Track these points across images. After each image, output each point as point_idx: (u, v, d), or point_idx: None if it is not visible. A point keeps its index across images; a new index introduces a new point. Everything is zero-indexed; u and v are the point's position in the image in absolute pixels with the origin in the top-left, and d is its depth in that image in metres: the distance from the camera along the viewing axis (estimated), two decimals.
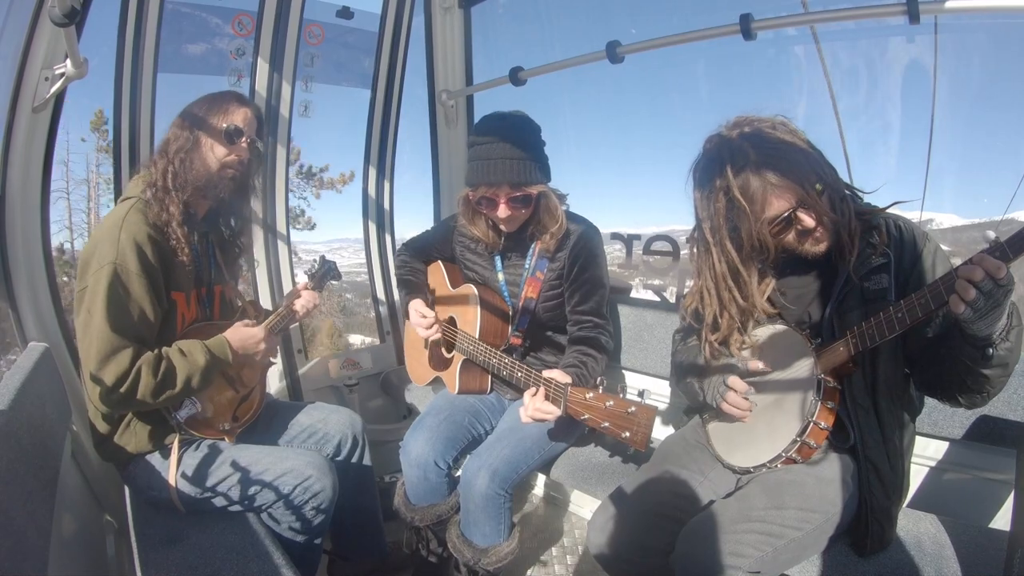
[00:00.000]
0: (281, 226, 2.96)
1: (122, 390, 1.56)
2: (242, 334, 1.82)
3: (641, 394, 1.48)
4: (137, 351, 1.60)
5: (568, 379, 1.74)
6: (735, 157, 1.44)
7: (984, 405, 1.46)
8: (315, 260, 2.29)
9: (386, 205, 3.39)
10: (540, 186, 2.00)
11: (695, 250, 1.65)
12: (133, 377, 1.57)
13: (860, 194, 1.55)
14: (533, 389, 1.74)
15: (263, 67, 2.75)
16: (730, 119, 1.53)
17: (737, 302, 1.58)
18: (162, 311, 1.69)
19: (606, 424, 1.52)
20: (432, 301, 2.47)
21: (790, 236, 1.47)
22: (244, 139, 1.80)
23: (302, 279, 2.27)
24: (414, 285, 2.39)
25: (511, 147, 1.93)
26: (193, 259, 1.78)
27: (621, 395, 1.52)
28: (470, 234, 2.22)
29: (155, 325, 1.66)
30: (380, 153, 3.29)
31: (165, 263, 1.68)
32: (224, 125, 1.77)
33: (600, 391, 1.56)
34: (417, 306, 2.27)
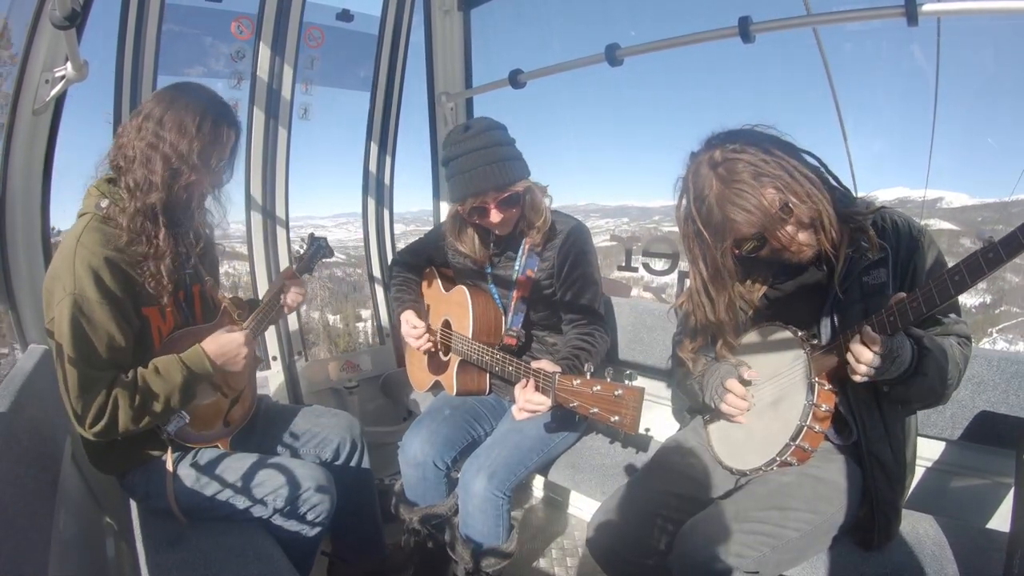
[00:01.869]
0: (280, 212, 2.95)
1: (103, 422, 1.51)
2: (221, 342, 1.71)
3: (629, 376, 1.47)
4: (111, 379, 1.52)
5: (557, 369, 1.74)
6: (700, 188, 1.45)
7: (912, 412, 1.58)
8: (303, 240, 2.20)
9: (387, 181, 3.39)
10: (524, 182, 2.02)
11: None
12: (112, 407, 1.51)
13: (854, 196, 1.55)
14: (524, 381, 1.75)
15: (263, 70, 2.75)
16: (711, 134, 1.52)
17: (709, 318, 1.62)
18: (133, 332, 1.60)
19: (595, 410, 1.52)
20: (427, 308, 2.49)
21: (764, 252, 1.49)
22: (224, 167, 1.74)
23: (292, 264, 2.17)
24: (406, 298, 2.41)
25: (484, 153, 1.93)
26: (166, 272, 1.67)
27: (608, 379, 1.51)
28: (458, 249, 2.24)
29: (127, 348, 1.58)
30: (380, 150, 3.29)
31: (128, 283, 1.58)
32: (220, 163, 1.68)
33: (588, 377, 1.56)
34: (408, 317, 2.30)
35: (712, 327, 1.64)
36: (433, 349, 2.34)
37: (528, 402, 1.72)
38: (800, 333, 1.53)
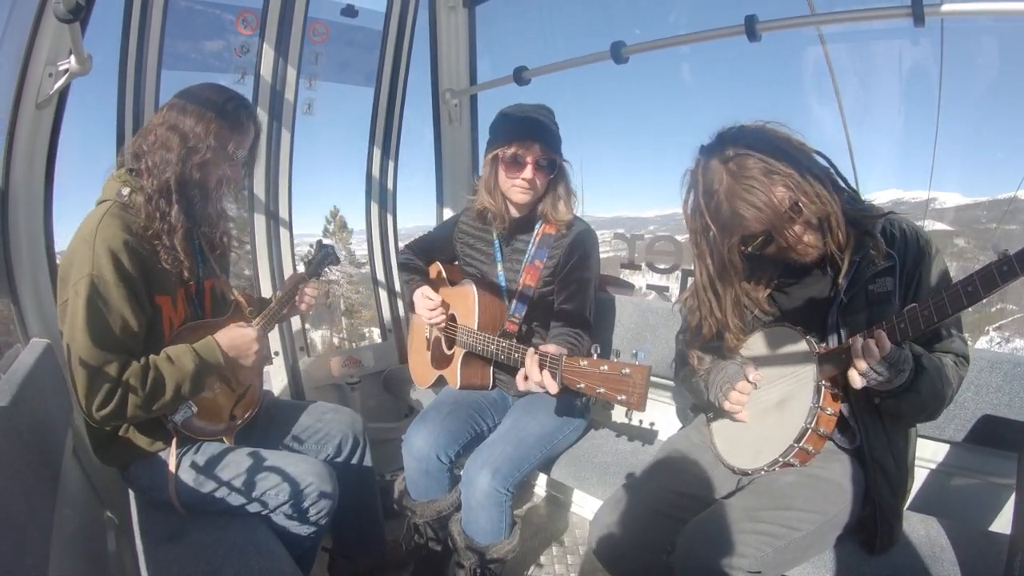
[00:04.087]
0: (284, 212, 2.96)
1: (111, 405, 1.51)
2: (233, 335, 1.75)
3: (635, 355, 1.46)
4: (123, 364, 1.53)
5: (563, 351, 1.73)
6: (710, 182, 1.45)
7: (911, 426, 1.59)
8: (311, 246, 2.27)
9: (389, 186, 3.39)
10: (561, 158, 2.11)
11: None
12: (121, 392, 1.52)
13: (861, 200, 1.54)
14: (531, 350, 1.72)
15: (267, 65, 2.75)
16: (721, 129, 1.51)
17: (715, 314, 1.62)
18: (146, 318, 1.61)
19: (602, 390, 1.50)
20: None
21: (771, 249, 1.48)
22: (242, 161, 1.79)
23: (300, 267, 2.22)
24: (417, 280, 2.42)
25: (540, 115, 2.09)
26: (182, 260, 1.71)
27: (615, 359, 1.50)
28: (470, 229, 2.27)
29: (140, 334, 1.59)
30: (384, 146, 3.29)
31: (145, 268, 1.60)
32: (238, 151, 1.73)
33: (595, 357, 1.55)
34: (424, 290, 2.30)
35: (717, 324, 1.64)
36: (444, 326, 2.33)
37: (531, 379, 1.70)
38: (808, 336, 1.53)
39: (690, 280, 1.76)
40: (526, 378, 1.71)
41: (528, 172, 2.05)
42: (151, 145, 1.66)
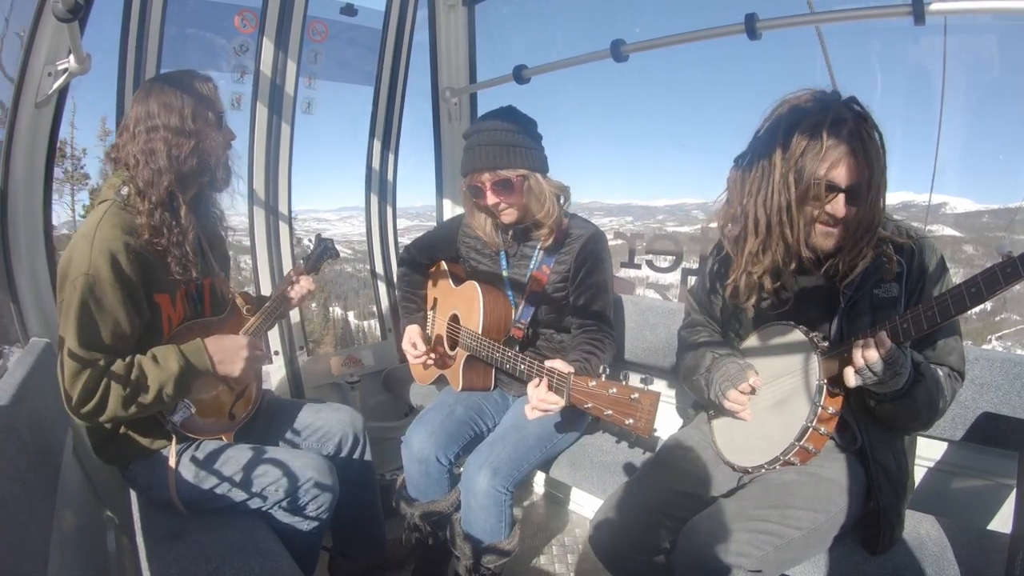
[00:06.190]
0: (283, 207, 2.95)
1: (91, 403, 1.50)
2: (223, 343, 1.73)
3: (644, 380, 1.46)
4: (108, 363, 1.52)
5: (570, 369, 1.72)
6: (840, 113, 1.41)
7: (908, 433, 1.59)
8: (310, 240, 2.26)
9: (389, 176, 3.38)
10: (520, 170, 2.01)
11: (746, 174, 1.56)
12: (102, 390, 1.50)
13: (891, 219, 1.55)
14: (536, 380, 1.73)
15: (267, 63, 2.74)
16: (851, 97, 1.49)
17: (786, 239, 1.52)
18: (141, 320, 1.60)
19: (609, 412, 1.50)
20: (434, 303, 2.50)
21: (816, 211, 1.45)
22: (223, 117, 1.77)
23: (299, 263, 2.22)
24: (412, 308, 2.46)
25: (491, 135, 2.01)
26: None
27: (624, 382, 1.50)
28: (474, 233, 2.24)
29: (131, 337, 1.58)
30: (384, 143, 3.29)
31: (144, 268, 1.60)
32: (215, 113, 1.71)
33: (603, 379, 1.55)
34: (411, 334, 2.33)
35: (780, 254, 1.54)
36: (445, 336, 2.33)
37: (542, 401, 1.69)
38: (811, 334, 1.52)
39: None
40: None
41: (490, 198, 2.02)
42: (133, 167, 1.64)
